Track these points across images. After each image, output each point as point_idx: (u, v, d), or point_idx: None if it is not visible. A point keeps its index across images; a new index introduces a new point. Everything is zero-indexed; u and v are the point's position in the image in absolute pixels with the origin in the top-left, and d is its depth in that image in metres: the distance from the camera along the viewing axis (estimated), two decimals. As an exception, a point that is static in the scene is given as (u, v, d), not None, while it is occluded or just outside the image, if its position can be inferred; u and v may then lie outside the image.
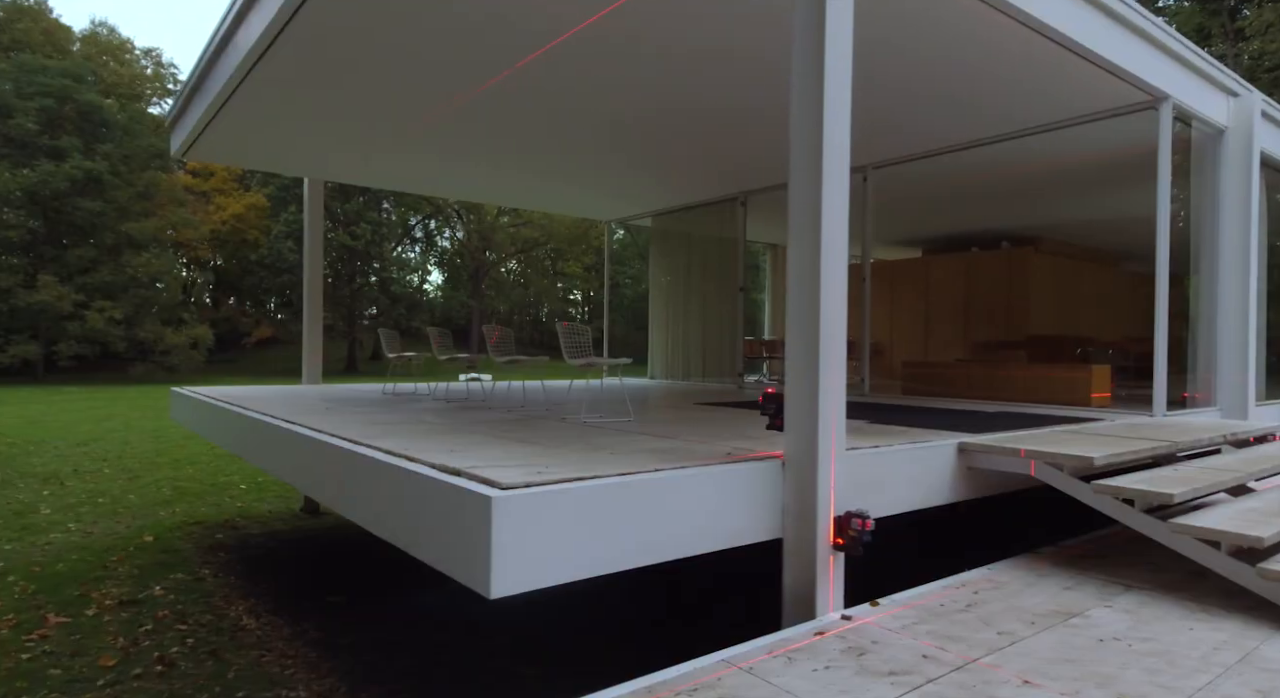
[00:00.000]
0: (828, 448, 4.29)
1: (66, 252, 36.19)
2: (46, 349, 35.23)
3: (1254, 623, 4.24)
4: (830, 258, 4.27)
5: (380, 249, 48.84)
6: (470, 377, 13.46)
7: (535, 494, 3.35)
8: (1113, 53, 7.07)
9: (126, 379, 36.83)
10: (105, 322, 35.29)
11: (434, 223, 59.19)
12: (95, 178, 36.11)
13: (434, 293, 61.56)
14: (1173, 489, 4.66)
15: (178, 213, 40.29)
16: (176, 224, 40.33)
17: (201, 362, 39.78)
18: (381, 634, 6.58)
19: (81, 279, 35.87)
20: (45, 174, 34.18)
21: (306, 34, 6.45)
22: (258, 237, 45.39)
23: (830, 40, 4.28)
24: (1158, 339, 7.93)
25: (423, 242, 60.87)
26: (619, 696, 3.21)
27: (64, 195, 35.14)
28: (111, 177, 36.73)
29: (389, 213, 52.74)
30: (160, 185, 39.31)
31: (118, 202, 36.87)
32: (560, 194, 13.74)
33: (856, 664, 3.57)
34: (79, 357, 35.65)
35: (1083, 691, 3.37)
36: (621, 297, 47.39)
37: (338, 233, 45.33)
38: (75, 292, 35.09)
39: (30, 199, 34.43)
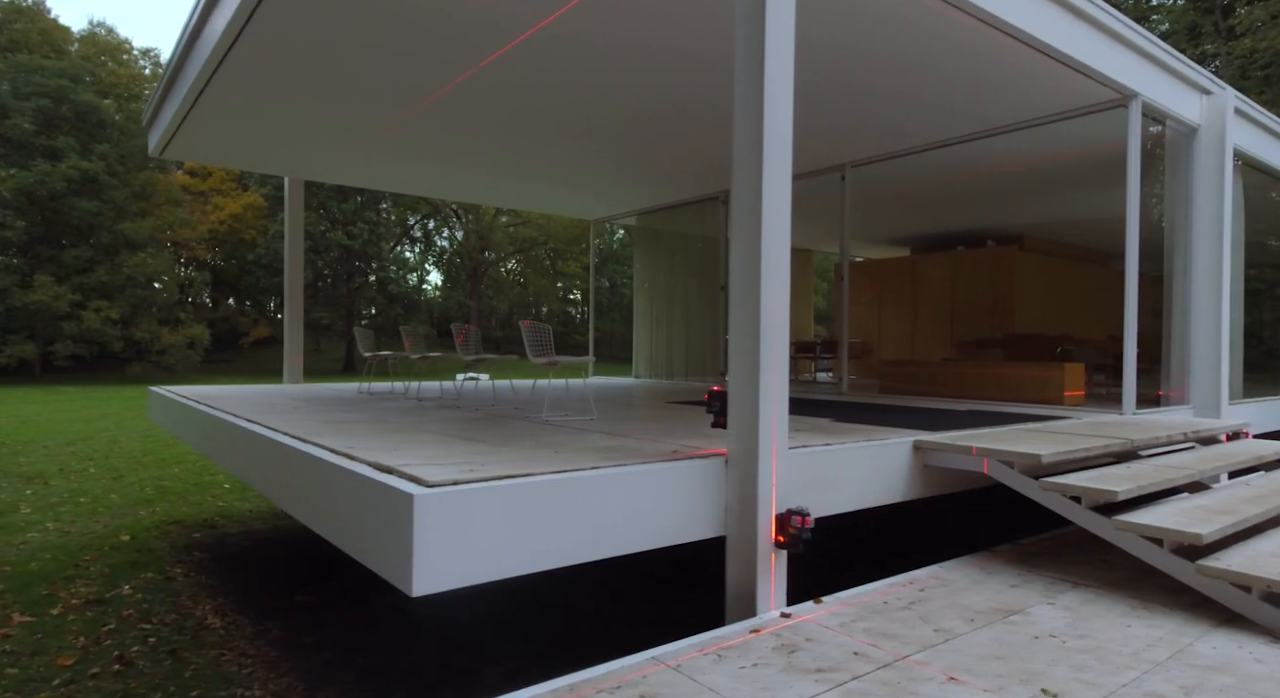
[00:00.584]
0: (769, 446, 4.30)
1: (63, 252, 36.24)
2: (43, 349, 35.28)
3: (1194, 620, 4.25)
4: (771, 256, 4.28)
5: (377, 249, 48.86)
6: (468, 376, 13.50)
7: (461, 492, 3.36)
8: (1078, 51, 7.08)
9: (123, 379, 36.88)
10: (101, 321, 35.35)
11: (432, 223, 59.22)
12: (92, 178, 36.16)
13: (432, 293, 61.58)
14: (1117, 487, 4.67)
15: (174, 213, 40.35)
16: (173, 224, 40.37)
17: (198, 361, 39.83)
18: (346, 634, 6.59)
19: (78, 279, 35.92)
20: (41, 174, 34.22)
21: (269, 31, 6.46)
22: (255, 236, 45.45)
23: (770, 38, 4.27)
24: (1127, 338, 7.93)
25: (421, 241, 60.89)
26: (540, 694, 3.21)
27: (60, 195, 35.18)
28: (108, 177, 36.78)
29: (387, 213, 52.76)
30: (156, 185, 39.35)
31: (114, 201, 36.92)
32: (544, 193, 13.76)
33: (785, 662, 3.58)
34: (75, 357, 35.71)
35: (1006, 687, 3.38)
36: (621, 296, 47.41)
37: (335, 233, 45.37)
38: (72, 292, 35.15)
39: (27, 199, 34.46)
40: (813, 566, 4.91)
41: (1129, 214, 7.96)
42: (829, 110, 8.68)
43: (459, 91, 8.04)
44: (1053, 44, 6.82)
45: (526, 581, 3.66)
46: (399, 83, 7.77)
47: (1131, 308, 7.95)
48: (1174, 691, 3.38)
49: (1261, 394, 10.71)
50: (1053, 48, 6.85)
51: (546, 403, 7.27)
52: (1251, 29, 20.81)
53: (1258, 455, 6.28)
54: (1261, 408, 10.15)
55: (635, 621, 6.71)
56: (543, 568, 3.68)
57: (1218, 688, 3.40)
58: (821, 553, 4.94)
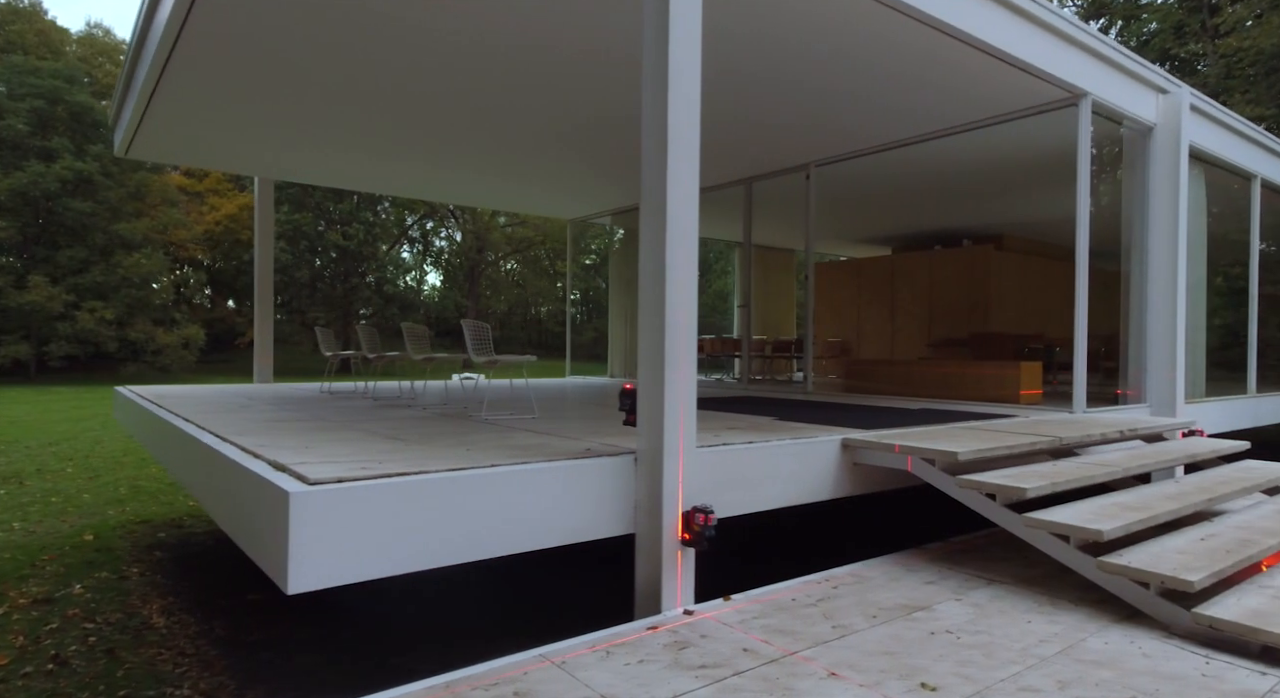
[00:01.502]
0: (674, 444, 4.33)
1: (58, 252, 36.35)
2: (37, 350, 35.39)
3: (1095, 616, 4.27)
4: (676, 257, 4.31)
5: (373, 249, 48.95)
6: (464, 376, 13.60)
7: (342, 490, 3.40)
8: (1024, 51, 7.12)
9: (118, 379, 36.96)
10: (96, 322, 35.44)
11: (430, 223, 59.27)
12: (86, 178, 36.26)
13: (429, 292, 61.65)
14: (1027, 484, 4.70)
15: (169, 213, 40.43)
16: (168, 225, 40.45)
17: (193, 362, 39.94)
18: (290, 632, 6.62)
19: (72, 280, 36.02)
20: (35, 175, 34.33)
21: (210, 27, 6.46)
22: (251, 237, 45.50)
23: (674, 36, 4.30)
24: (1077, 337, 7.96)
25: (419, 241, 60.96)
26: (417, 691, 3.25)
27: (55, 196, 35.29)
28: (103, 177, 36.87)
29: (386, 213, 52.83)
30: (151, 186, 39.44)
31: (109, 202, 37.01)
32: (519, 193, 13.79)
33: (672, 659, 3.61)
34: (70, 357, 35.82)
35: (884, 682, 3.41)
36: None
37: (332, 233, 45.47)
38: (66, 292, 35.24)
39: (21, 200, 34.58)
40: (755, 562, 4.95)
41: (1079, 213, 7.99)
42: (791, 111, 8.73)
43: (426, 92, 8.08)
44: (996, 45, 6.86)
45: (497, 572, 3.69)
46: (349, 82, 7.80)
47: (1082, 307, 7.98)
48: (1050, 685, 3.41)
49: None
50: (997, 48, 6.88)
51: (486, 402, 7.31)
52: (1236, 28, 20.78)
53: (1190, 454, 6.30)
54: (1224, 407, 10.16)
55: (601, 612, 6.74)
56: (433, 566, 3.72)
57: (1094, 683, 3.43)
58: (765, 550, 4.98)
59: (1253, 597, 4.11)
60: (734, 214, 13.19)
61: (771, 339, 15.47)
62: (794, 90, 8.05)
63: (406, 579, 7.27)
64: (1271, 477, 6.26)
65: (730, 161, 11.14)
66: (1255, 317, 11.47)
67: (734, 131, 9.60)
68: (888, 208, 14.09)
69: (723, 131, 9.58)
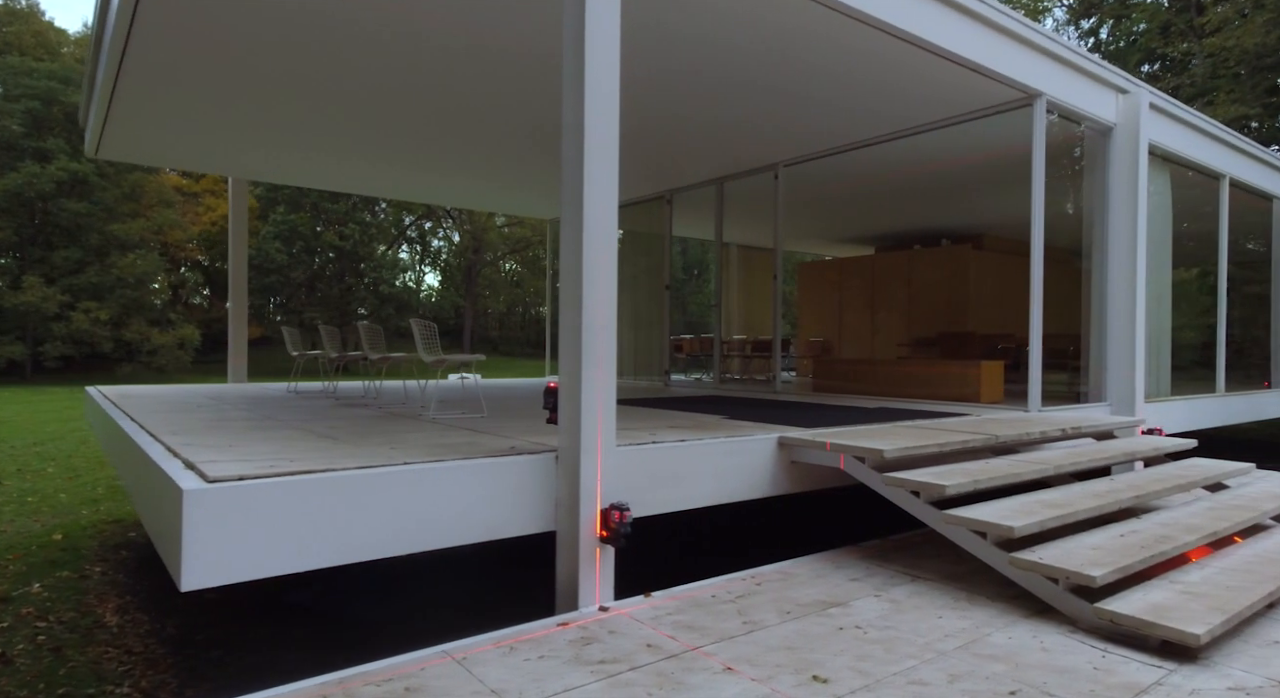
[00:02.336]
0: (593, 441, 4.38)
1: (53, 253, 36.46)
2: (33, 350, 35.51)
3: (1007, 612, 4.32)
4: (594, 252, 4.36)
5: (369, 249, 49.04)
6: (461, 375, 13.70)
7: (243, 487, 3.45)
8: (974, 53, 7.17)
9: (114, 380, 37.08)
10: (91, 322, 35.55)
11: (429, 223, 59.35)
12: (81, 179, 36.38)
13: (428, 293, 61.71)
14: (947, 482, 4.74)
15: (165, 214, 40.53)
16: (164, 225, 40.55)
17: (189, 362, 40.04)
18: (241, 631, 6.67)
19: (67, 280, 36.14)
20: (30, 175, 34.45)
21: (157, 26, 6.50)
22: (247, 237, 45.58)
23: (591, 39, 4.35)
24: (1032, 336, 8.00)
25: (417, 242, 61.04)
26: (310, 687, 3.30)
27: (50, 197, 35.41)
28: (98, 178, 36.98)
29: (384, 214, 52.92)
30: (147, 187, 39.55)
31: (104, 203, 37.12)
32: (496, 193, 13.84)
33: (574, 654, 3.66)
34: (65, 357, 35.94)
35: (777, 676, 3.46)
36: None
37: (328, 233, 45.57)
38: (62, 293, 35.35)
39: (16, 201, 34.70)
40: (698, 558, 5.00)
41: (1034, 212, 8.04)
42: (754, 113, 8.81)
43: (393, 93, 8.13)
44: (944, 46, 6.91)
45: (465, 564, 3.71)
46: (309, 83, 7.85)
47: (1036, 307, 8.03)
48: (940, 678, 3.45)
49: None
50: (945, 49, 6.94)
51: (433, 402, 7.36)
52: (1221, 27, 20.78)
53: (1130, 452, 6.34)
54: (1190, 406, 10.20)
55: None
56: (340, 562, 3.77)
57: (984, 676, 3.48)
58: (723, 546, 5.02)
59: (1160, 592, 4.15)
60: (697, 214, 13.24)
61: (752, 339, 15.50)
62: (754, 92, 8.12)
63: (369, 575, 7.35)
64: (1213, 473, 6.30)
65: (701, 162, 11.20)
66: (1224, 316, 11.51)
67: (703, 133, 9.66)
68: (864, 207, 14.13)
69: (692, 133, 9.66)
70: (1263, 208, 13.24)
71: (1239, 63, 20.01)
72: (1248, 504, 5.67)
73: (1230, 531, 5.09)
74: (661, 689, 3.30)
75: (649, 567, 5.10)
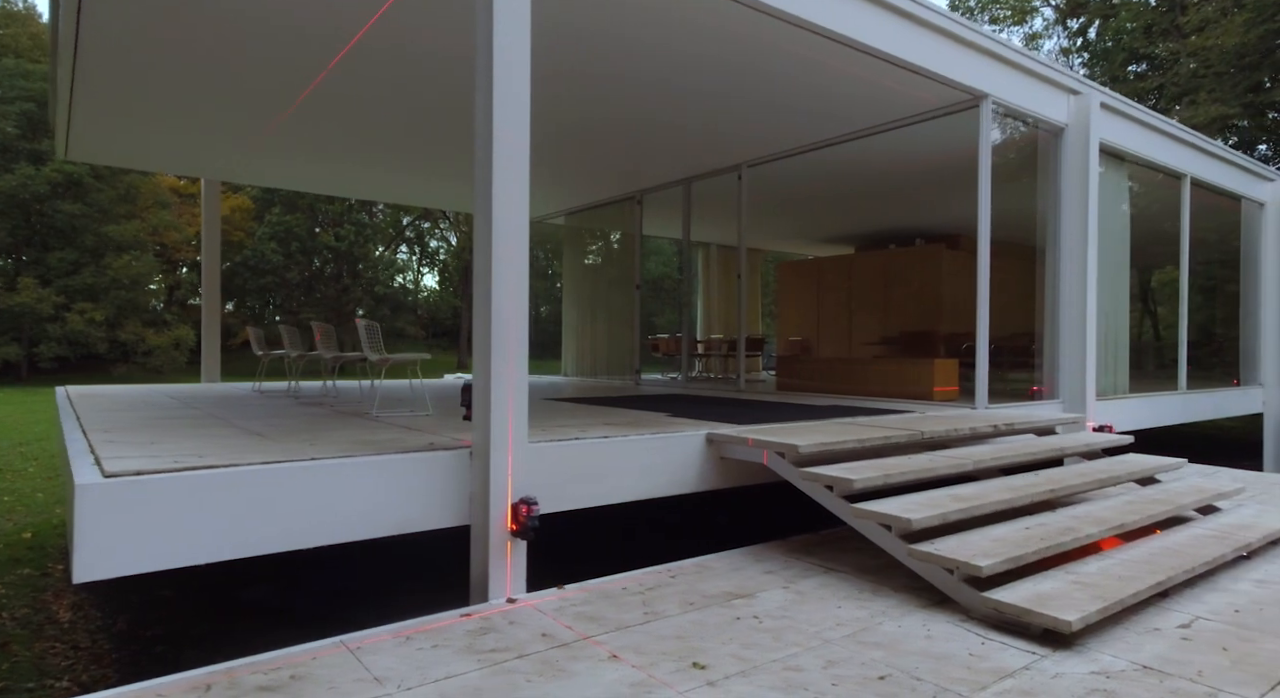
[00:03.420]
0: (503, 437, 4.49)
1: (48, 254, 36.65)
2: (28, 351, 35.71)
3: (907, 602, 4.42)
4: (503, 249, 4.47)
5: (365, 250, 49.19)
6: (457, 375, 13.91)
7: (140, 482, 3.56)
8: (914, 55, 7.28)
9: (109, 380, 37.26)
10: (86, 323, 35.73)
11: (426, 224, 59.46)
12: (76, 181, 36.55)
13: (426, 294, 61.83)
14: (854, 476, 4.85)
15: (160, 215, 40.70)
16: (159, 226, 40.72)
17: (184, 362, 40.19)
18: (188, 627, 6.78)
19: (63, 281, 36.31)
20: (25, 177, 34.63)
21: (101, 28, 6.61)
22: (242, 238, 45.79)
23: (499, 42, 4.46)
24: (979, 334, 8.10)
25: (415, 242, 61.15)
26: (198, 675, 3.41)
27: (45, 198, 35.59)
28: (93, 179, 37.15)
29: (381, 215, 53.06)
30: (142, 188, 39.73)
31: (98, 204, 37.30)
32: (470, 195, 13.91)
33: (467, 644, 3.77)
34: (61, 358, 36.12)
35: (659, 663, 3.56)
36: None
37: (324, 235, 45.73)
38: (57, 294, 35.53)
39: (10, 202, 34.89)
40: (641, 552, 5.11)
41: (980, 213, 8.13)
42: (716, 117, 8.96)
43: (356, 97, 8.25)
44: (885, 49, 7.04)
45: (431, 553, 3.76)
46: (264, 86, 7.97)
47: (983, 304, 8.13)
48: (816, 664, 3.56)
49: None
50: (885, 53, 7.06)
51: (376, 400, 7.48)
52: (1203, 27, 20.85)
53: (1058, 447, 6.44)
54: (1148, 403, 10.29)
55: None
56: (243, 555, 3.88)
57: (860, 662, 3.58)
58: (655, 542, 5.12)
59: (1052, 582, 4.25)
60: (670, 213, 13.36)
61: (729, 338, 15.60)
62: (710, 97, 8.30)
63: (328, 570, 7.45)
64: (1143, 468, 6.40)
65: (669, 163, 11.31)
66: (1185, 315, 11.61)
67: (668, 135, 9.80)
68: (837, 207, 14.23)
69: (657, 135, 9.79)
70: (1233, 207, 13.30)
71: (1219, 62, 20.04)
72: (1167, 498, 5.77)
73: (1141, 523, 5.19)
74: (541, 676, 3.41)
75: (591, 561, 5.21)
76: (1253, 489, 7.46)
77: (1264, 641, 3.82)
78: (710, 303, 18.15)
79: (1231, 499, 6.55)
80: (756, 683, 3.37)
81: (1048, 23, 30.97)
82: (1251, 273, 13.27)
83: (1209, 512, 6.08)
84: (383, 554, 6.96)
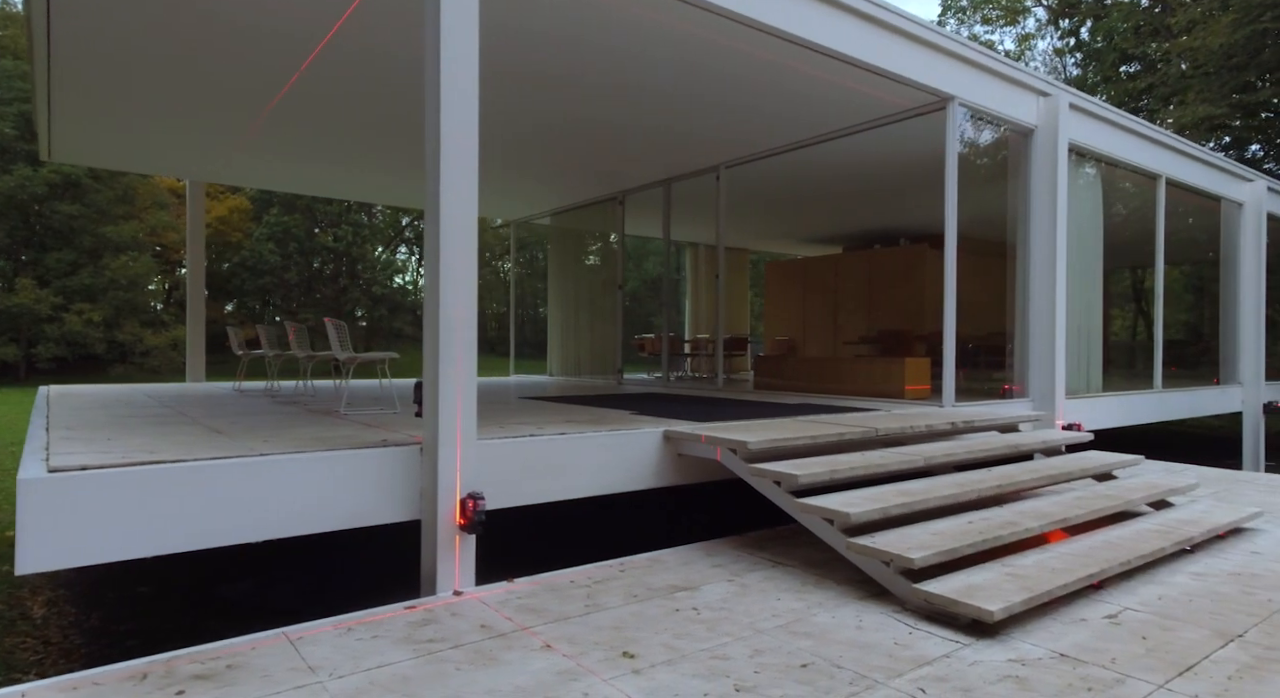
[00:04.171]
0: (452, 433, 4.59)
1: (46, 255, 36.81)
2: (26, 352, 35.87)
3: (846, 594, 4.52)
4: (451, 250, 4.56)
5: (362, 250, 49.33)
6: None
7: (82, 476, 3.66)
8: (878, 58, 7.38)
9: (107, 381, 37.37)
10: (83, 324, 35.88)
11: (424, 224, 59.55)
12: (74, 182, 36.71)
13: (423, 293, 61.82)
14: (800, 472, 4.94)
15: (158, 216, 40.86)
16: (157, 227, 40.88)
17: (182, 363, 40.08)
18: (162, 623, 6.86)
19: (61, 282, 36.47)
20: (23, 178, 34.80)
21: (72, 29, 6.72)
22: (241, 238, 45.95)
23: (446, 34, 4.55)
24: (946, 333, 8.19)
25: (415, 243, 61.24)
26: (138, 665, 3.52)
27: (43, 199, 35.75)
28: (91, 180, 37.31)
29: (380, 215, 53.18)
30: (140, 189, 39.89)
31: (96, 205, 37.46)
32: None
33: (406, 634, 3.87)
34: (59, 359, 36.27)
35: (589, 652, 3.66)
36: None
37: (322, 235, 45.89)
38: (55, 295, 35.69)
39: (8, 203, 35.05)
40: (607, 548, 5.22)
41: (947, 212, 8.23)
42: (692, 119, 9.08)
43: (341, 96, 8.34)
44: (848, 53, 7.13)
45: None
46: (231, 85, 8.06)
47: (950, 304, 8.22)
48: (743, 653, 3.65)
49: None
50: (852, 57, 7.16)
51: (344, 398, 7.58)
52: (1190, 27, 20.92)
53: (1013, 444, 6.52)
54: (1120, 402, 10.37)
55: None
56: (189, 548, 3.98)
57: (786, 651, 3.68)
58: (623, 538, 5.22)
59: (986, 574, 4.34)
60: (686, 215, 13.48)
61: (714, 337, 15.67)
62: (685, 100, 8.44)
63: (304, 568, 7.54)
64: (1101, 464, 6.50)
65: (649, 164, 11.40)
66: (1160, 314, 11.69)
67: (647, 137, 9.90)
68: (820, 207, 14.32)
69: (637, 137, 9.89)
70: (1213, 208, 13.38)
71: (1206, 62, 20.12)
72: (1117, 494, 5.86)
73: (1086, 518, 5.28)
74: (471, 665, 3.51)
75: (562, 557, 5.30)
76: (1213, 486, 7.55)
77: (1184, 630, 3.91)
78: (699, 303, 18.25)
79: (1186, 495, 6.64)
80: (681, 671, 3.47)
81: (1040, 23, 31.03)
82: (1231, 272, 13.36)
83: (1162, 507, 6.16)
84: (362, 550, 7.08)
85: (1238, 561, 5.19)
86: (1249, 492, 7.40)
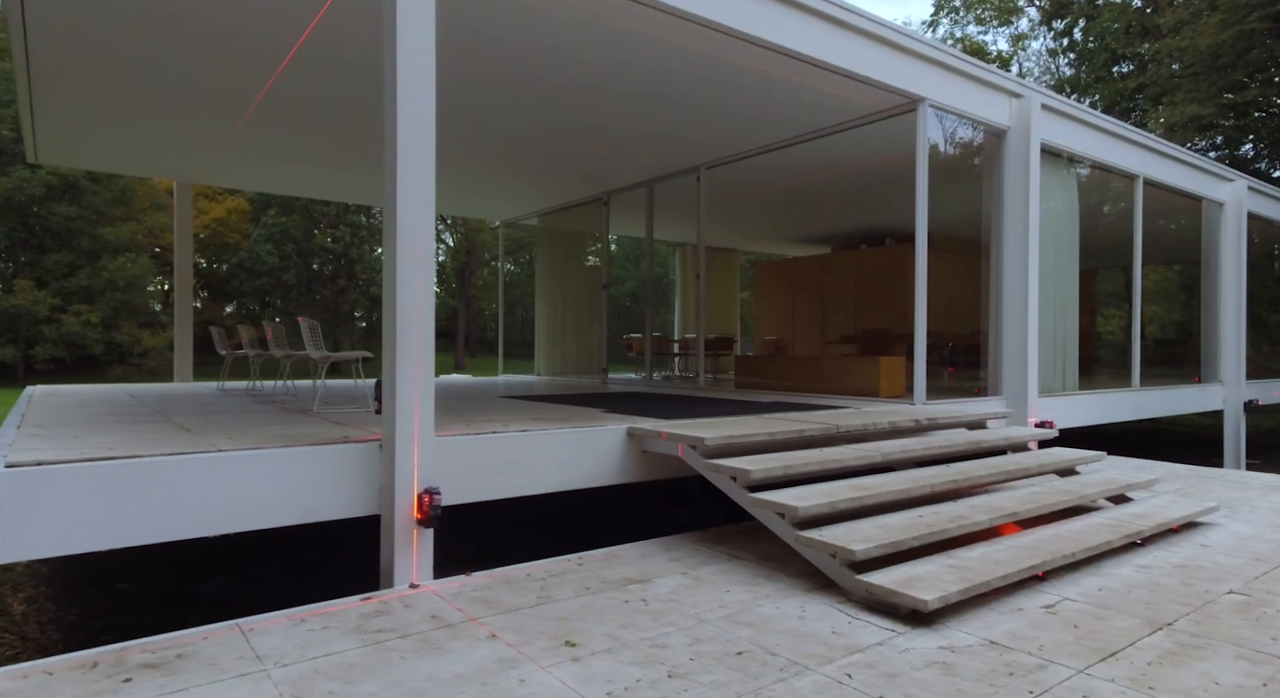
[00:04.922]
0: (409, 430, 4.69)
1: (45, 256, 36.97)
2: (24, 353, 36.02)
3: (795, 586, 4.61)
4: (407, 250, 4.66)
5: (360, 251, 49.45)
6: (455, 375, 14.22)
7: (37, 472, 3.76)
8: (847, 61, 7.47)
9: (105, 382, 37.48)
10: (81, 325, 36.03)
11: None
12: (72, 183, 36.88)
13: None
14: (753, 468, 5.03)
15: (156, 217, 40.99)
16: (155, 229, 41.02)
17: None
18: (139, 620, 6.94)
19: (59, 283, 36.62)
20: (21, 180, 34.96)
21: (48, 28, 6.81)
22: (238, 240, 46.08)
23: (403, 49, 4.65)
24: (917, 332, 8.28)
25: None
26: (89, 655, 3.61)
27: (41, 201, 35.92)
28: (88, 182, 37.47)
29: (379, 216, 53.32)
30: (138, 190, 40.04)
31: (94, 206, 37.61)
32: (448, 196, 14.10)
33: (356, 625, 3.97)
34: (57, 359, 36.42)
35: (532, 641, 3.76)
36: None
37: (321, 237, 46.03)
38: (53, 296, 35.84)
39: (7, 205, 35.21)
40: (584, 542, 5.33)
41: (918, 212, 8.33)
42: (671, 121, 9.19)
43: (323, 98, 8.44)
44: (816, 56, 7.22)
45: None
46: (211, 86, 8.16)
47: (921, 303, 8.31)
48: (682, 642, 3.75)
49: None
50: (820, 60, 7.25)
51: (317, 396, 7.68)
52: (1179, 28, 20.99)
53: (976, 441, 6.62)
54: (1097, 400, 10.46)
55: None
56: (148, 542, 4.09)
57: (725, 640, 3.77)
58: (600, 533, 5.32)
59: (928, 566, 4.44)
60: (672, 216, 13.57)
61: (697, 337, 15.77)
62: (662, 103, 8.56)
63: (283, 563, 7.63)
64: (1063, 461, 6.59)
65: (632, 165, 11.50)
66: (1139, 313, 11.76)
67: (629, 138, 10.01)
68: (804, 208, 14.43)
69: (619, 138, 9.99)
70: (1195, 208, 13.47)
71: (1195, 63, 20.19)
72: (1074, 489, 5.95)
73: (1037, 512, 5.37)
74: (416, 653, 3.61)
75: (528, 552, 5.39)
76: (1180, 482, 7.65)
77: (1115, 619, 4.00)
78: (688, 303, 18.34)
79: (1147, 490, 6.73)
80: (619, 659, 3.56)
81: (1033, 24, 31.10)
82: (1212, 271, 13.44)
83: (1121, 502, 6.25)
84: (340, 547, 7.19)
85: (1186, 553, 5.28)
86: (1215, 488, 7.49)
